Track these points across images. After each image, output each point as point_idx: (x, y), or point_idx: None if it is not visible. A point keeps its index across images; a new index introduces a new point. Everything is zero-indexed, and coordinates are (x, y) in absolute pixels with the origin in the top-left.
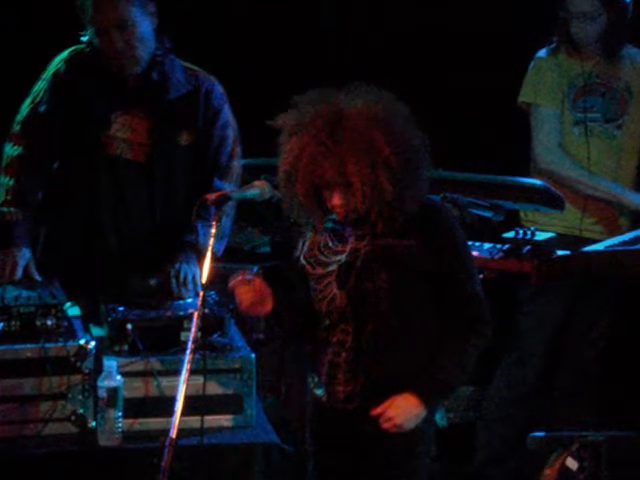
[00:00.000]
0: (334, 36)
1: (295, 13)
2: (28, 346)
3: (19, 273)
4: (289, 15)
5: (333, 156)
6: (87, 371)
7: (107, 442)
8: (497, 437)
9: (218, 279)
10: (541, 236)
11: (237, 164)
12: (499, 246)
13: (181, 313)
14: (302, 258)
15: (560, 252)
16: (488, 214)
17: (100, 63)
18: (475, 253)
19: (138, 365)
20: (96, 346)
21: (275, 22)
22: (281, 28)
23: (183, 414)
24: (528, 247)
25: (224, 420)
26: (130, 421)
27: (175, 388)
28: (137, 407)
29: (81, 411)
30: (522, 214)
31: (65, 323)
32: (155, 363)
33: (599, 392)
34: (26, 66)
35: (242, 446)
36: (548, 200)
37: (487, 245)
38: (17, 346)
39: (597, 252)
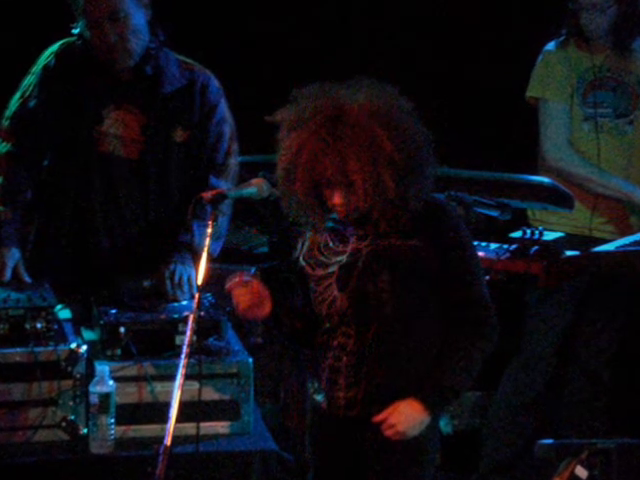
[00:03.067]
0: (334, 34)
1: (294, 7)
2: (17, 350)
3: (8, 274)
4: (288, 8)
5: (334, 153)
6: (78, 376)
7: (99, 450)
8: (503, 444)
9: (214, 280)
10: (549, 236)
11: (234, 161)
12: (506, 246)
13: (176, 316)
14: (301, 259)
15: (569, 252)
16: (494, 213)
17: (92, 56)
18: (481, 253)
19: (131, 370)
20: (88, 350)
21: (273, 15)
22: (280, 21)
23: (178, 421)
24: (536, 247)
25: (220, 427)
26: (123, 428)
27: (170, 394)
28: (130, 413)
29: (72, 417)
30: (530, 213)
31: (55, 326)
32: (149, 368)
33: (609, 398)
34: (15, 59)
35: (239, 454)
36: (557, 198)
37: (493, 245)
38: (6, 350)
39: (607, 252)
